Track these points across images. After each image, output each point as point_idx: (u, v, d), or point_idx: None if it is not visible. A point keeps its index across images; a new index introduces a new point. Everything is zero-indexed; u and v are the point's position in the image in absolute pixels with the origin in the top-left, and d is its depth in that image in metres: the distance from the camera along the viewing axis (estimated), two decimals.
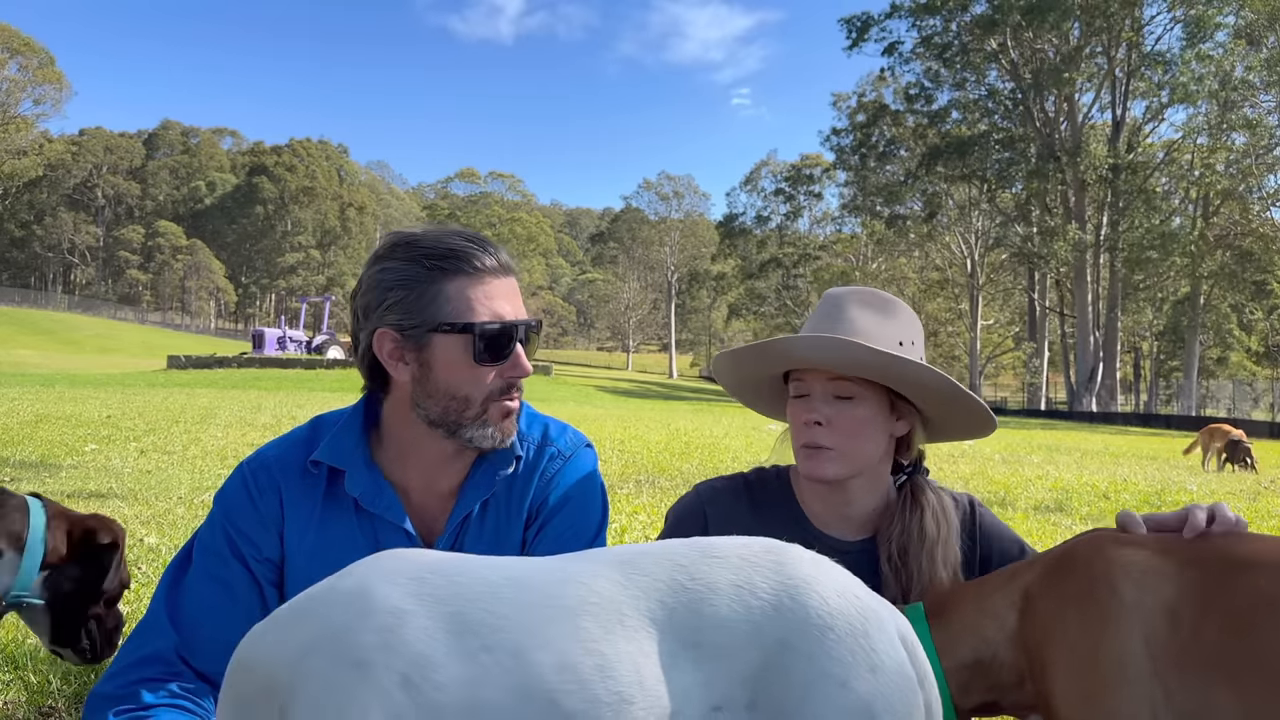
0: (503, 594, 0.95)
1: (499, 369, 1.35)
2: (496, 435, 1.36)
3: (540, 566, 1.01)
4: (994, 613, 1.28)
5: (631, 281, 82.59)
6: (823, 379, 1.48)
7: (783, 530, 1.56)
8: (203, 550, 1.38)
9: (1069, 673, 1.18)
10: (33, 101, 77.03)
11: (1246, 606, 1.13)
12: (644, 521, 5.28)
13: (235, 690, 0.97)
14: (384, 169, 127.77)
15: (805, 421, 1.49)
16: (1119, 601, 1.17)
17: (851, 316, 1.48)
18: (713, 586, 0.98)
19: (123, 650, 1.32)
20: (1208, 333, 48.09)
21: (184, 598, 1.35)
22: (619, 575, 0.99)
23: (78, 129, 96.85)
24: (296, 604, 0.99)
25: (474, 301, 1.33)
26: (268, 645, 0.96)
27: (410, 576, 0.96)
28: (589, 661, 0.92)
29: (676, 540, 1.07)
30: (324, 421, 1.46)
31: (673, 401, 33.66)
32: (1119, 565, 1.20)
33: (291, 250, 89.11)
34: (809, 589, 0.99)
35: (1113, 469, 10.89)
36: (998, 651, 1.27)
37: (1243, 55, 34.57)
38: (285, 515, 1.39)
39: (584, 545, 1.43)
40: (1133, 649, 1.14)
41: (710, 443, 12.00)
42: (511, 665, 0.90)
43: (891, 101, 49.95)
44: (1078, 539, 1.31)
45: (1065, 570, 1.25)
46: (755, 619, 0.97)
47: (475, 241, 1.36)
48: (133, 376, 29.22)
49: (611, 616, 0.95)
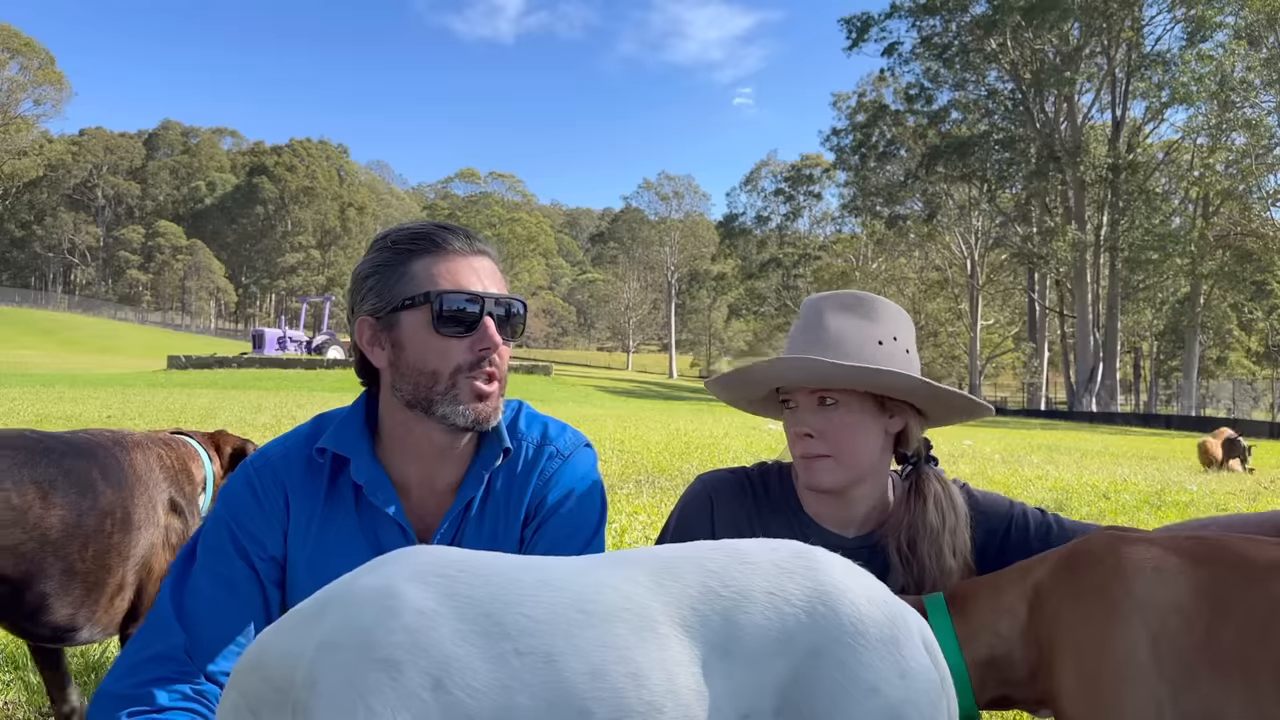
0: (538, 597, 0.93)
1: (467, 341, 1.34)
2: (469, 414, 1.34)
3: (573, 569, 1.00)
4: (1008, 608, 1.29)
5: (631, 281, 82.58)
6: (805, 391, 1.52)
7: (784, 525, 1.57)
8: (207, 548, 1.38)
9: (1076, 668, 1.18)
10: (33, 102, 77.16)
11: (1265, 611, 1.12)
12: (644, 521, 5.28)
13: (240, 690, 0.95)
14: (384, 169, 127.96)
15: (797, 434, 1.52)
16: (1130, 598, 1.17)
17: (829, 324, 1.51)
18: (746, 594, 0.98)
19: (130, 648, 1.31)
20: (1208, 333, 48.09)
21: (188, 595, 1.34)
22: (652, 581, 0.98)
23: (78, 129, 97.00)
24: (319, 599, 0.96)
25: (437, 275, 1.34)
26: (286, 640, 0.93)
27: (440, 575, 0.94)
28: (622, 669, 0.90)
29: (706, 544, 1.08)
30: (327, 417, 1.47)
31: (673, 401, 33.66)
32: (1131, 562, 1.20)
33: (291, 250, 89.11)
34: (841, 596, 1.00)
35: (1113, 469, 10.89)
36: (1012, 647, 1.27)
37: (1243, 55, 34.56)
38: (290, 512, 1.40)
39: (582, 544, 1.44)
40: (1141, 646, 1.14)
41: (710, 443, 12.00)
42: (544, 670, 0.88)
43: (891, 101, 49.95)
44: (1090, 535, 1.31)
45: (1077, 566, 1.25)
46: (788, 626, 0.97)
47: (445, 226, 1.38)
48: (133, 377, 29.21)
49: (645, 623, 0.94)
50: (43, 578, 1.62)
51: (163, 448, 1.97)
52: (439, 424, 1.35)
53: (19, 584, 1.60)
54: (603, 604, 0.94)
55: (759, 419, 14.39)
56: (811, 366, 1.45)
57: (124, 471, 1.80)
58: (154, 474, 1.87)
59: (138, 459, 1.86)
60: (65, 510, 1.65)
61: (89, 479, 1.71)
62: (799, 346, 1.52)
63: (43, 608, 1.64)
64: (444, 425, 1.35)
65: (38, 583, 1.61)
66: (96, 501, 1.70)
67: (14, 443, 1.67)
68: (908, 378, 1.46)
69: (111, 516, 1.73)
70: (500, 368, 1.38)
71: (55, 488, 1.65)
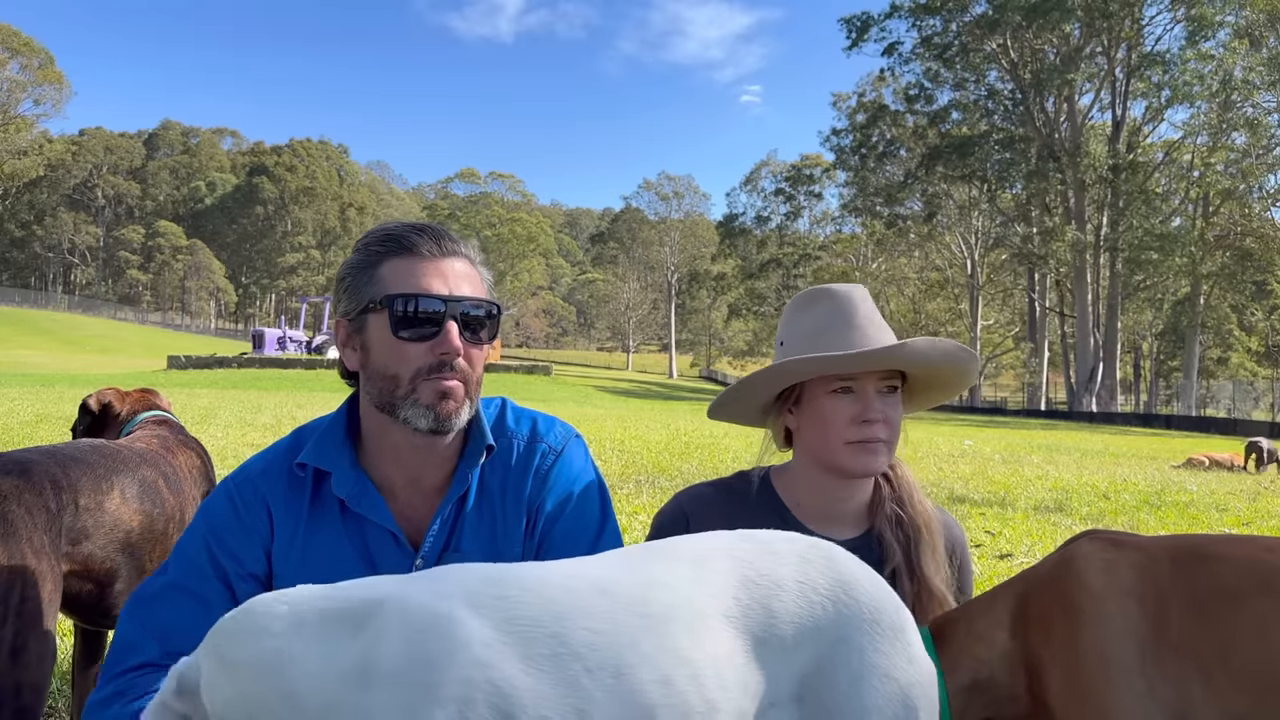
0: (595, 607, 0.90)
1: (426, 346, 1.32)
2: (430, 416, 1.32)
3: (619, 568, 0.98)
4: (981, 634, 1.31)
5: (631, 281, 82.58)
6: (875, 377, 1.51)
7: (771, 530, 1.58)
8: (182, 563, 1.35)
9: (1061, 676, 1.20)
10: (33, 101, 77.08)
11: (1206, 597, 1.15)
12: (644, 521, 5.28)
13: (244, 685, 0.82)
14: (384, 169, 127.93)
15: (864, 420, 1.50)
16: (1092, 597, 1.19)
17: (863, 311, 1.55)
18: (779, 583, 1.00)
19: (110, 661, 1.29)
20: (1208, 333, 48.09)
21: (157, 607, 1.31)
22: (692, 573, 0.98)
23: (78, 129, 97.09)
24: (358, 604, 0.86)
25: (401, 278, 1.32)
26: (317, 652, 0.82)
27: (497, 595, 0.89)
28: (683, 672, 0.89)
29: (729, 534, 1.08)
30: (306, 429, 1.45)
31: (673, 401, 33.65)
32: (1089, 563, 1.23)
33: (291, 250, 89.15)
34: (858, 584, 1.03)
35: (1113, 469, 10.89)
36: (992, 671, 1.29)
37: (1243, 55, 34.56)
38: (275, 528, 1.37)
39: (592, 538, 1.44)
40: (1115, 643, 1.16)
41: (710, 443, 12.00)
42: (614, 685, 0.86)
43: (891, 102, 49.98)
44: (1058, 549, 1.33)
45: (1044, 579, 1.28)
46: (817, 615, 0.99)
47: (418, 228, 1.36)
48: (133, 377, 29.20)
49: (695, 619, 0.94)
50: (123, 575, 1.82)
51: (195, 445, 2.19)
52: (404, 427, 1.34)
53: (105, 581, 1.79)
54: (656, 604, 0.93)
55: None
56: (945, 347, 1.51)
57: (179, 477, 2.04)
58: (193, 474, 2.12)
59: (182, 462, 2.09)
60: (143, 516, 1.86)
61: (157, 487, 1.94)
62: (865, 336, 1.52)
63: (116, 603, 1.82)
64: (409, 428, 1.34)
65: (119, 580, 1.81)
66: (164, 507, 1.93)
67: (98, 456, 1.84)
68: (975, 356, 1.55)
69: (174, 520, 1.96)
70: (466, 371, 1.35)
71: (136, 496, 1.87)
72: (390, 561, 1.37)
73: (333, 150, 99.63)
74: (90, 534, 1.73)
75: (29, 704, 1.48)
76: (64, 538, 1.67)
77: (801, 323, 1.56)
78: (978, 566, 4.37)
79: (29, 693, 1.48)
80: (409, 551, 1.38)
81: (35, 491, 1.63)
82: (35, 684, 1.50)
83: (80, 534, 1.71)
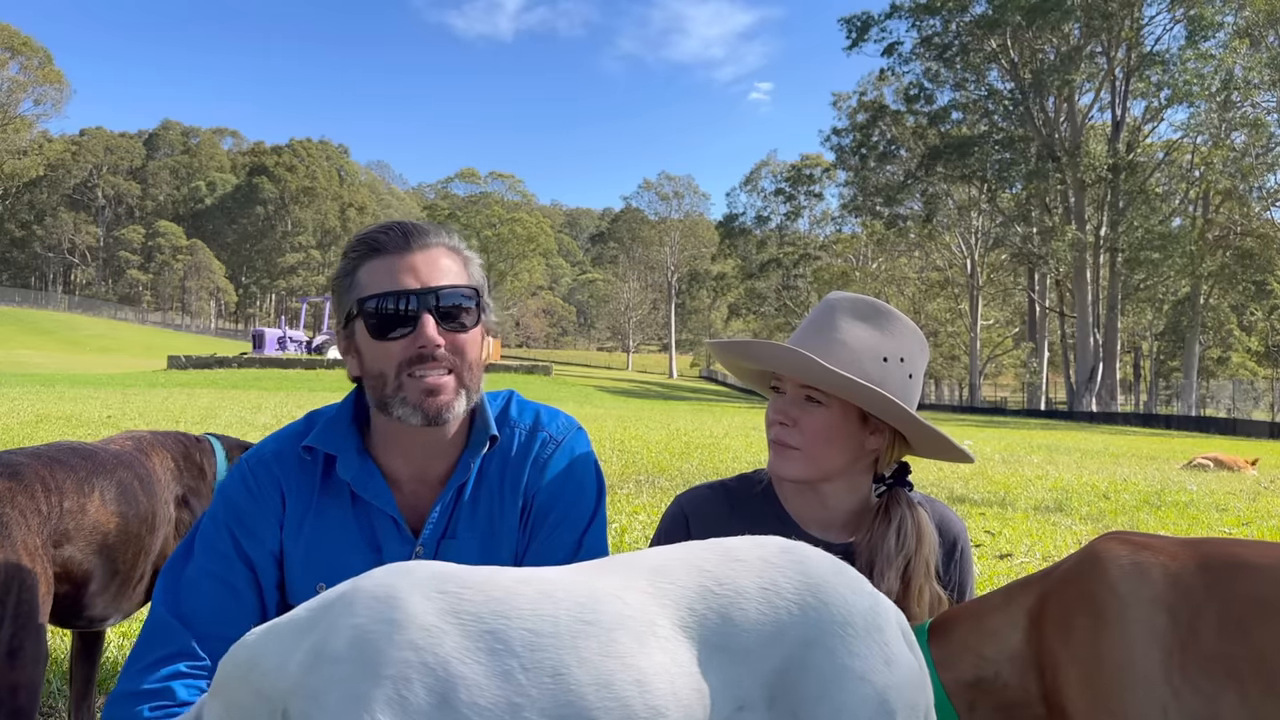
0: (539, 610, 0.94)
1: (404, 342, 1.32)
2: (419, 412, 1.33)
3: (571, 579, 1.00)
4: (992, 631, 1.28)
5: (631, 281, 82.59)
6: (795, 382, 1.52)
7: (768, 531, 1.57)
8: (205, 547, 1.38)
9: (1080, 680, 1.17)
10: (33, 101, 77.09)
11: (1240, 606, 1.12)
12: (644, 521, 5.28)
13: (226, 701, 0.94)
14: (384, 169, 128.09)
15: (776, 419, 1.54)
16: (1118, 601, 1.16)
17: (840, 326, 1.52)
18: (740, 591, 1.00)
19: (139, 649, 1.31)
20: (1208, 333, 48.06)
21: (190, 595, 1.34)
22: (649, 584, 1.00)
23: (78, 129, 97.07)
24: (315, 607, 0.95)
25: (376, 279, 1.34)
26: (281, 648, 0.91)
27: (440, 590, 0.94)
28: (627, 677, 0.91)
29: (696, 544, 1.09)
30: (318, 414, 1.48)
31: (673, 401, 33.66)
32: (1116, 565, 1.19)
33: (292, 250, 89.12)
34: (830, 587, 1.03)
35: (1113, 469, 10.89)
36: (1000, 670, 1.27)
37: (1243, 55, 34.56)
38: (286, 508, 1.41)
39: (583, 528, 1.45)
40: (1138, 649, 1.13)
41: (710, 443, 12.00)
42: (551, 685, 0.89)
43: (891, 101, 49.94)
44: (1089, 544, 1.30)
45: (1067, 579, 1.25)
46: (781, 619, 0.99)
47: (385, 227, 1.38)
48: (133, 376, 29.22)
49: (645, 629, 0.95)
50: (97, 578, 1.81)
51: (173, 445, 2.15)
52: (399, 424, 1.36)
53: (81, 583, 1.78)
54: (604, 613, 0.95)
55: (759, 419, 14.19)
56: (806, 364, 1.46)
57: (153, 479, 2.03)
58: (168, 475, 2.09)
59: (156, 464, 2.07)
60: (120, 519, 1.86)
61: (132, 489, 1.93)
62: (804, 339, 1.52)
63: (90, 604, 1.82)
64: (403, 425, 1.35)
65: (93, 582, 1.80)
66: (139, 510, 1.92)
67: (79, 458, 1.84)
68: (893, 403, 1.45)
69: (146, 522, 1.95)
70: (453, 360, 1.35)
71: (114, 499, 1.87)
72: (392, 547, 1.40)
73: (333, 150, 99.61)
74: (72, 537, 1.73)
75: (24, 705, 1.50)
76: (50, 540, 1.68)
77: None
78: (977, 566, 4.36)
79: (25, 693, 1.50)
80: (409, 538, 1.40)
81: (28, 494, 1.64)
82: (31, 684, 1.52)
83: (63, 536, 1.71)
